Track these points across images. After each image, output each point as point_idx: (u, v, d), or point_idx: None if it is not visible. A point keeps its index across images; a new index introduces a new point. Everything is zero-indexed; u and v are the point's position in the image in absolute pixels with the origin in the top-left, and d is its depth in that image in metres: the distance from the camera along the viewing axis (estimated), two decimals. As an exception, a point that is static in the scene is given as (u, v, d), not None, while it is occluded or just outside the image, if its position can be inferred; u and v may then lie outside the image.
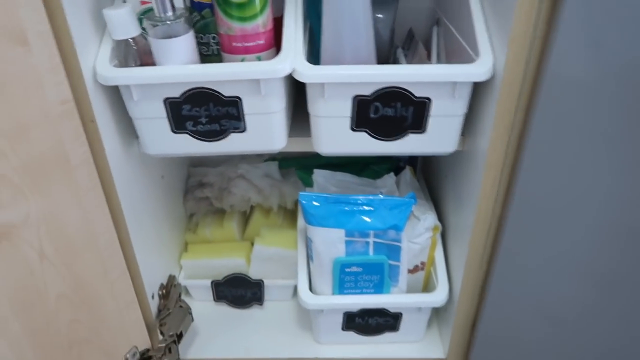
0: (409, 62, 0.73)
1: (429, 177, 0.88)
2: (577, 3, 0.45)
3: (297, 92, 0.68)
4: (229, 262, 0.83)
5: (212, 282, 0.83)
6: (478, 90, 0.58)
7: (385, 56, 0.71)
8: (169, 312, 0.74)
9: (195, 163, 0.95)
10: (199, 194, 0.87)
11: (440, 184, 0.80)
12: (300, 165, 0.86)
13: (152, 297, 0.73)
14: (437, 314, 0.83)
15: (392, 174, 0.78)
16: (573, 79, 0.49)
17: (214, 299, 0.85)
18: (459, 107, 0.57)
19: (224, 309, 0.86)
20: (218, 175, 0.88)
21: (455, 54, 0.65)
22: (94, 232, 0.57)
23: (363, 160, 0.85)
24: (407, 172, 0.80)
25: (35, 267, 0.49)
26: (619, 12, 0.45)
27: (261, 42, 0.56)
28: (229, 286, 0.83)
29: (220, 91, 0.55)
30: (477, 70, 0.53)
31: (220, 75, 0.53)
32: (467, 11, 0.58)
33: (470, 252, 0.66)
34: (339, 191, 0.76)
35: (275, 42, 0.58)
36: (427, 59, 0.70)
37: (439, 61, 0.71)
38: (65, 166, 0.50)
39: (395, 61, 0.74)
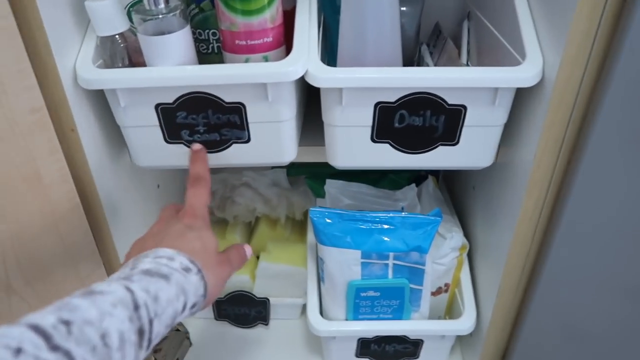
0: (435, 60, 0.65)
1: (452, 186, 0.80)
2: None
3: (308, 95, 0.61)
4: (232, 279, 0.75)
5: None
6: (521, 96, 0.50)
7: (410, 55, 0.62)
8: (165, 336, 0.66)
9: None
10: (200, 202, 0.80)
11: (466, 195, 0.72)
12: (310, 173, 0.78)
13: (146, 320, 0.66)
14: (460, 339, 0.76)
15: (413, 185, 0.70)
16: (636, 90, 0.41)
17: (215, 317, 0.78)
18: (499, 116, 0.49)
19: (226, 328, 0.79)
20: (220, 182, 0.80)
21: (490, 53, 0.57)
22: (75, 258, 0.49)
23: (380, 169, 0.77)
24: (430, 183, 0.72)
25: (2, 306, 0.42)
26: None
27: (269, 39, 0.47)
28: (232, 304, 0.76)
29: (220, 96, 0.48)
30: (524, 74, 0.45)
31: (220, 79, 0.45)
32: (510, 4, 0.50)
33: (505, 277, 0.58)
34: (354, 204, 0.68)
35: (285, 40, 0.50)
36: (458, 59, 0.61)
37: (469, 60, 0.63)
38: (37, 185, 0.43)
39: (419, 60, 0.66)
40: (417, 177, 0.76)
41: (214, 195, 0.80)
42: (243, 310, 0.77)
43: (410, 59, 0.63)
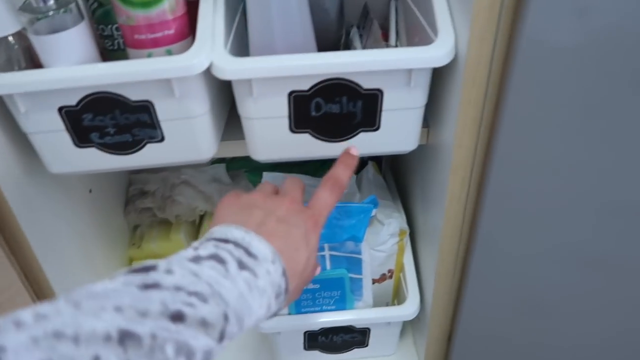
0: (365, 43, 0.63)
1: (397, 171, 0.79)
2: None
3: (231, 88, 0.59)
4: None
5: (159, 303, 0.74)
6: (440, 75, 0.49)
7: (334, 38, 0.61)
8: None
9: (137, 169, 0.85)
10: (140, 204, 0.77)
11: (408, 180, 0.72)
12: (250, 166, 0.76)
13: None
14: (411, 323, 0.76)
15: (351, 172, 0.68)
16: (551, 57, 0.40)
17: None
18: (417, 98, 0.48)
19: (177, 331, 0.77)
20: (160, 182, 0.78)
21: (416, 33, 0.56)
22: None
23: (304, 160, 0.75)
24: (370, 169, 0.71)
25: None
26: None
27: (170, 31, 0.45)
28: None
29: (125, 95, 0.45)
30: (435, 53, 0.44)
31: (119, 77, 0.43)
32: (424, -20, 0.49)
33: (441, 259, 0.57)
34: (293, 196, 0.67)
35: (190, 31, 0.48)
36: (383, 40, 0.60)
37: (398, 42, 0.62)
38: None
39: (348, 44, 0.64)
40: (359, 163, 0.75)
41: (154, 195, 0.78)
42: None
43: (337, 43, 0.61)
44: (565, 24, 0.38)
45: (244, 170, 0.77)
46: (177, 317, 0.29)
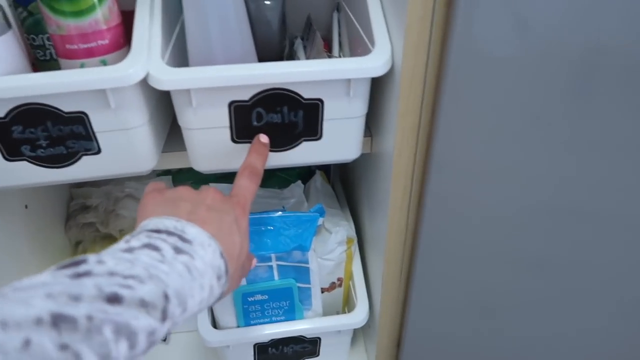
0: (308, 54, 0.64)
1: (346, 179, 0.80)
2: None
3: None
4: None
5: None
6: (380, 85, 0.50)
7: (277, 49, 0.61)
8: None
9: (79, 183, 0.82)
10: (82, 219, 0.75)
11: (356, 188, 0.73)
12: (197, 178, 0.75)
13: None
14: (363, 330, 0.76)
15: (299, 182, 0.69)
16: (482, 67, 0.42)
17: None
18: (357, 107, 0.49)
19: (123, 349, 0.75)
20: (103, 196, 0.76)
21: (358, 45, 0.57)
22: None
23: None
24: (318, 178, 0.71)
25: None
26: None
27: (105, 41, 0.44)
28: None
29: (58, 106, 0.44)
30: (372, 63, 0.45)
31: (49, 87, 0.42)
32: (362, -6, 0.50)
33: (387, 266, 0.58)
34: (240, 207, 0.66)
35: (127, 42, 0.47)
36: (325, 51, 0.61)
37: (341, 52, 0.63)
38: None
39: (292, 54, 0.65)
40: (307, 173, 0.75)
41: (96, 210, 0.75)
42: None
43: (280, 54, 0.61)
44: (500, 36, 0.40)
45: (191, 182, 0.75)
46: (114, 299, 0.28)
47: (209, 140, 0.49)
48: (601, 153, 0.49)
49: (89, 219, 0.74)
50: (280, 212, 0.58)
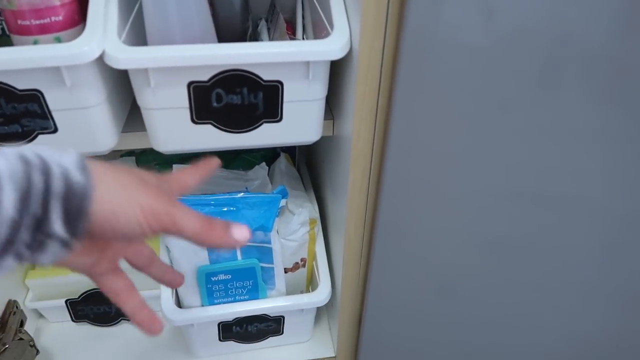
0: (272, 37, 0.64)
1: (311, 162, 0.81)
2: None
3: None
4: (84, 277, 0.71)
5: (66, 301, 0.71)
6: (339, 67, 0.51)
7: (239, 30, 0.61)
8: (5, 347, 0.61)
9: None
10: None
11: (320, 171, 0.73)
12: (161, 159, 0.75)
13: (-21, 333, 0.60)
14: (327, 309, 0.78)
15: (263, 164, 0.69)
16: (437, 51, 0.43)
17: (73, 319, 0.74)
18: (317, 90, 0.49)
19: (87, 329, 0.75)
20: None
21: (320, 28, 0.57)
22: None
23: (233, 150, 0.75)
24: (282, 160, 0.72)
25: None
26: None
27: (58, 18, 0.44)
28: (89, 303, 0.72)
29: (11, 84, 0.43)
30: (330, 46, 0.45)
31: (4, 64, 0.41)
32: (322, -24, 0.50)
33: (347, 245, 0.60)
34: (204, 187, 0.66)
35: (82, 19, 0.46)
36: (288, 33, 0.61)
37: (305, 35, 0.63)
38: None
39: (255, 36, 0.65)
40: (272, 155, 0.76)
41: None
42: (102, 308, 0.73)
43: (242, 35, 0.61)
44: (461, 24, 0.41)
45: (155, 164, 0.75)
46: None
47: (169, 121, 0.49)
48: (562, 140, 0.50)
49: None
50: (242, 193, 0.58)
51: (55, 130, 0.47)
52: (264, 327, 0.69)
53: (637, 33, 0.43)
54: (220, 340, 0.69)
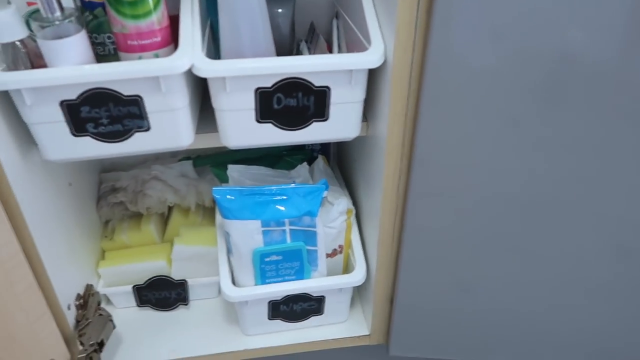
0: (312, 54, 0.76)
1: (343, 164, 0.91)
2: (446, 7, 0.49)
3: (203, 87, 0.69)
4: (149, 266, 0.82)
5: (133, 287, 0.81)
6: (375, 77, 0.61)
7: (287, 49, 0.73)
8: (88, 321, 0.72)
9: (107, 168, 0.92)
10: (113, 199, 0.85)
11: (352, 169, 0.84)
12: (214, 162, 0.86)
13: (68, 307, 0.70)
14: (359, 294, 0.87)
15: (305, 164, 0.80)
16: (456, 65, 0.53)
17: (138, 304, 0.84)
18: (357, 94, 0.60)
19: (149, 313, 0.85)
20: (131, 178, 0.86)
21: (354, 44, 0.68)
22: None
23: (277, 153, 0.87)
24: (320, 161, 0.83)
25: None
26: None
27: (157, 39, 0.55)
28: (152, 289, 0.82)
29: (119, 90, 0.55)
30: (369, 57, 0.56)
31: (116, 75, 0.53)
32: (359, 3, 0.62)
33: (381, 232, 0.69)
34: (254, 184, 0.77)
35: (173, 40, 0.58)
36: (328, 50, 0.73)
37: (340, 52, 0.74)
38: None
39: (298, 54, 0.76)
40: (310, 157, 0.87)
41: (126, 190, 0.86)
42: (163, 294, 0.83)
43: (289, 53, 0.73)
44: (474, 42, 0.51)
45: (210, 165, 0.86)
46: None
47: (238, 120, 0.60)
48: (569, 152, 0.60)
49: (119, 199, 0.84)
50: (293, 184, 0.69)
51: (149, 129, 0.58)
52: (307, 307, 0.78)
53: (638, 51, 0.52)
54: (269, 319, 0.78)
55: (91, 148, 0.58)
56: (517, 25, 0.51)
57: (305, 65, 0.56)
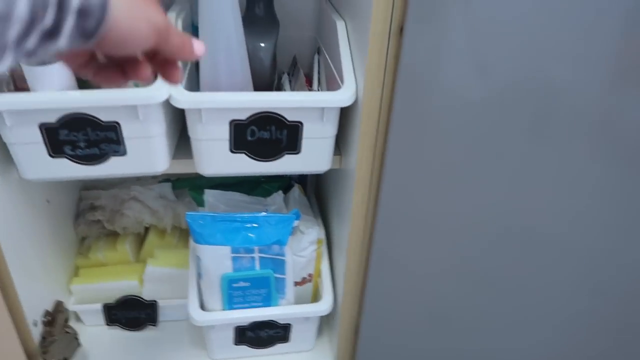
0: (292, 87, 0.78)
1: (320, 194, 0.94)
2: (411, 52, 0.52)
3: (183, 115, 0.71)
4: (121, 285, 0.83)
5: (103, 306, 0.82)
6: (348, 113, 0.64)
7: (268, 81, 0.75)
8: (54, 338, 0.72)
9: (88, 186, 0.94)
10: (91, 217, 0.86)
11: (327, 200, 0.86)
12: (193, 185, 0.88)
13: (35, 324, 0.71)
14: (327, 323, 0.88)
15: (280, 192, 0.82)
16: (419, 104, 0.56)
17: (107, 323, 0.84)
18: (329, 129, 0.63)
19: (117, 333, 0.85)
20: (110, 197, 0.88)
21: (332, 81, 0.71)
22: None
23: (255, 180, 0.89)
24: (296, 190, 0.85)
25: None
26: (450, 55, 0.53)
27: (138, 69, 0.58)
28: (122, 309, 0.83)
29: (98, 116, 0.57)
30: (340, 97, 0.59)
31: (95, 102, 0.55)
32: (336, 43, 0.65)
33: (349, 262, 0.71)
34: (229, 210, 0.79)
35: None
36: (307, 85, 0.75)
37: (319, 87, 0.77)
38: None
39: (280, 86, 0.79)
40: (287, 186, 0.89)
41: (104, 209, 0.87)
42: (133, 314, 0.84)
43: (270, 85, 0.76)
44: (439, 89, 0.55)
45: (188, 189, 0.88)
46: None
47: (212, 150, 0.62)
48: (549, 184, 0.63)
49: (96, 217, 0.86)
50: (264, 213, 0.71)
51: (125, 153, 0.60)
52: (273, 334, 0.79)
53: (621, 90, 0.56)
54: (235, 344, 0.79)
55: (67, 169, 0.60)
56: (502, 60, 0.54)
57: (278, 101, 0.59)
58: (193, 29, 0.71)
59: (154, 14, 0.33)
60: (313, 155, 0.65)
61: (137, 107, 0.56)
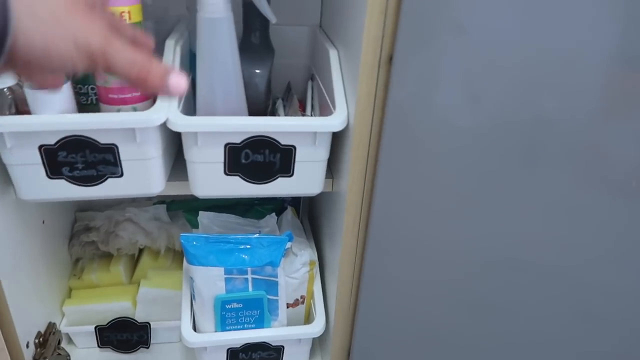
0: (286, 112, 0.81)
1: (313, 216, 0.95)
2: (400, 81, 0.54)
3: (179, 139, 0.73)
4: (114, 307, 0.83)
5: (95, 328, 0.82)
6: (339, 138, 0.66)
7: (262, 106, 0.77)
8: (46, 360, 0.72)
9: (84, 207, 0.95)
10: (85, 238, 0.87)
11: (320, 222, 0.87)
12: (187, 207, 0.89)
13: (27, 345, 0.71)
14: (319, 345, 0.88)
15: (273, 214, 0.83)
16: (408, 131, 0.58)
17: (99, 345, 0.84)
18: (321, 153, 0.65)
19: (109, 355, 0.85)
20: (105, 219, 0.88)
21: (324, 106, 0.74)
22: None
23: (249, 202, 0.90)
24: (289, 212, 0.86)
25: None
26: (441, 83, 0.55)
27: (137, 94, 0.60)
28: (114, 330, 0.83)
29: (96, 139, 0.58)
30: (332, 122, 0.61)
31: (94, 124, 0.56)
32: (329, 70, 0.67)
33: (340, 284, 0.72)
34: (223, 231, 0.80)
35: (152, 95, 0.62)
36: (300, 110, 0.78)
37: (312, 112, 0.80)
38: None
39: (274, 111, 0.81)
40: (280, 208, 0.90)
41: (98, 230, 0.88)
42: (125, 336, 0.84)
43: (265, 110, 0.78)
44: (428, 117, 0.57)
45: (183, 211, 0.89)
46: None
47: (207, 172, 0.63)
48: (539, 212, 0.64)
49: (91, 238, 0.86)
50: (257, 235, 0.72)
51: (122, 175, 0.62)
52: (265, 356, 0.79)
53: (609, 121, 0.58)
54: (227, 366, 0.79)
55: (64, 190, 0.61)
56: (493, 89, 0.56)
57: (272, 126, 0.61)
58: (191, 56, 0.73)
59: (83, 33, 0.29)
60: (305, 178, 0.66)
61: (135, 130, 0.58)
